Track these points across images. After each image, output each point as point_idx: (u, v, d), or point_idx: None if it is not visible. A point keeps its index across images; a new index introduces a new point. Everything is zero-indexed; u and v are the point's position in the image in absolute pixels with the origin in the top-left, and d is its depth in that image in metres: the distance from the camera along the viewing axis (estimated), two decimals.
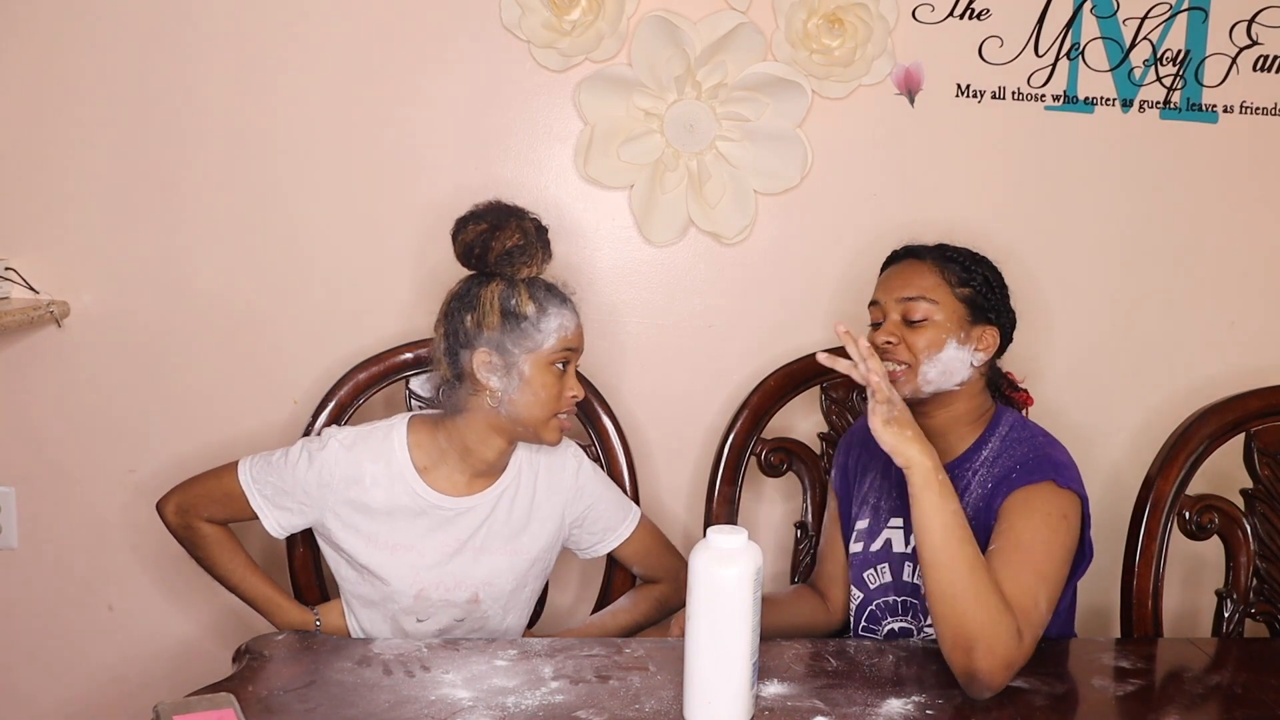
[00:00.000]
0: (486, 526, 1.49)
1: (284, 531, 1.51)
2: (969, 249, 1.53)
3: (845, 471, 1.64)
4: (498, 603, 1.51)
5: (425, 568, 1.48)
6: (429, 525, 1.48)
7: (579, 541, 1.61)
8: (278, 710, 1.21)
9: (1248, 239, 1.94)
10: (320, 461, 1.46)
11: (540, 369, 1.43)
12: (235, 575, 1.54)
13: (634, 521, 1.63)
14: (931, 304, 1.46)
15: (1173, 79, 1.88)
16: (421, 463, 1.48)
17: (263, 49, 1.80)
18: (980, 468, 1.45)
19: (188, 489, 1.53)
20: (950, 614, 1.25)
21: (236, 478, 1.49)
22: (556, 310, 1.45)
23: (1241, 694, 1.34)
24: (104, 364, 1.85)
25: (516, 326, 1.43)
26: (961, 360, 1.46)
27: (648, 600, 1.64)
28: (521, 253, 1.44)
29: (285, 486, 1.47)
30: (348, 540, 1.48)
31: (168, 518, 1.53)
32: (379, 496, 1.46)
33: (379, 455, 1.47)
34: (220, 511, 1.51)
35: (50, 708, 1.93)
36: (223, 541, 1.53)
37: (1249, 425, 1.67)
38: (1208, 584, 1.83)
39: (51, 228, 1.82)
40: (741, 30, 1.79)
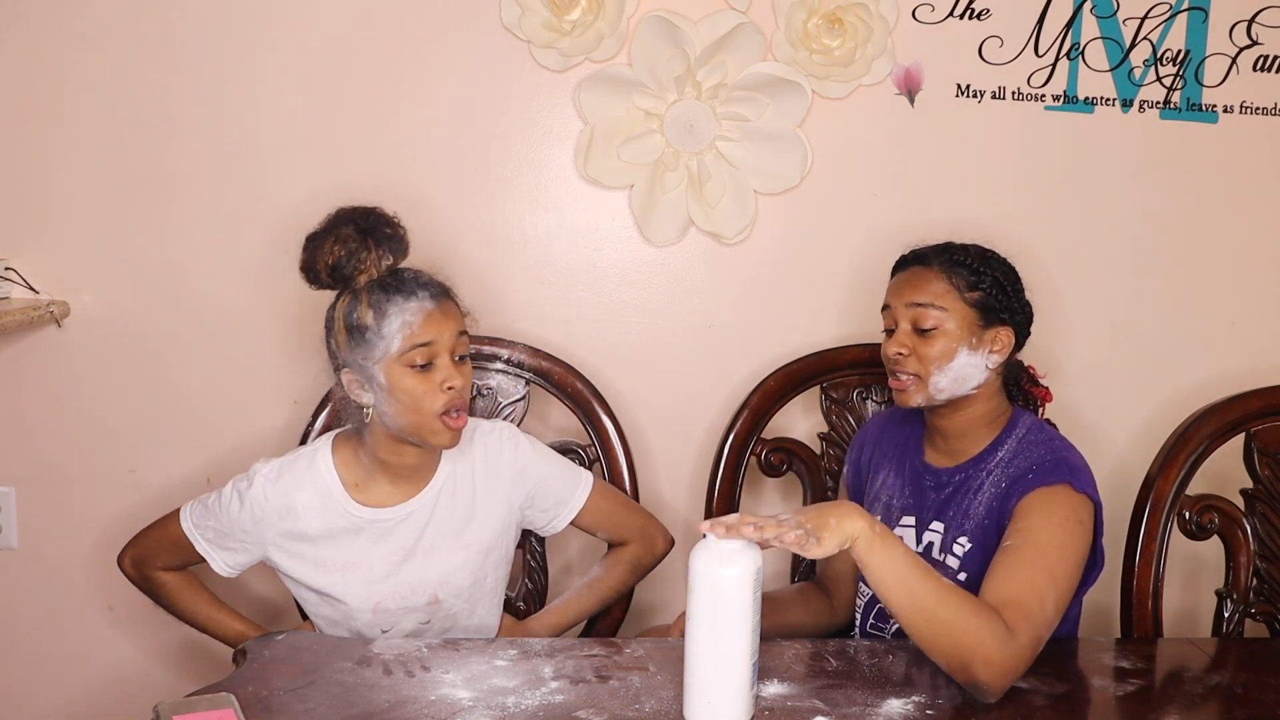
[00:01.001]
0: (431, 528, 1.48)
1: (234, 571, 1.51)
2: (977, 246, 1.51)
3: (858, 468, 1.64)
4: (460, 599, 1.50)
5: (376, 581, 1.46)
6: (370, 539, 1.46)
7: (534, 520, 1.57)
8: (278, 710, 1.21)
9: (1248, 239, 1.94)
10: (250, 499, 1.45)
11: (396, 374, 1.36)
12: (200, 617, 1.55)
13: (586, 488, 1.58)
14: (941, 311, 1.45)
15: (1173, 79, 1.88)
16: (351, 480, 1.46)
17: (262, 50, 1.80)
18: (995, 468, 1.45)
19: (139, 541, 1.54)
20: (939, 647, 1.25)
21: (180, 525, 1.50)
22: (397, 309, 1.36)
23: (1241, 694, 1.34)
24: (104, 364, 1.85)
25: (362, 339, 1.37)
26: (975, 365, 1.45)
27: (620, 565, 1.62)
28: (349, 261, 1.36)
29: (223, 528, 1.47)
30: (296, 569, 1.47)
31: (126, 571, 1.55)
32: (315, 523, 1.45)
33: (306, 483, 1.45)
34: (173, 559, 1.53)
35: (50, 708, 1.93)
36: (181, 586, 1.55)
37: (1249, 425, 1.67)
38: (1208, 584, 1.82)
39: (51, 228, 1.82)
40: (741, 30, 1.79)
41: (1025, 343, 1.52)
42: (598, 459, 1.76)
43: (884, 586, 1.24)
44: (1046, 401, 1.56)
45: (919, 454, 1.55)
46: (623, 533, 1.63)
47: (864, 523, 1.23)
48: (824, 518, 1.22)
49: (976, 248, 1.51)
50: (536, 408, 1.81)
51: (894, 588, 1.24)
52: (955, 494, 1.48)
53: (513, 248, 1.87)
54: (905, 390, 1.47)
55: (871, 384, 1.82)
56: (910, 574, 1.24)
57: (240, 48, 1.80)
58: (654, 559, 1.65)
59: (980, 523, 1.44)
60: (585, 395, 1.76)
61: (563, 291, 1.88)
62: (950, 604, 1.24)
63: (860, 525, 1.23)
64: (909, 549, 1.27)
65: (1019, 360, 1.54)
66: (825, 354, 1.82)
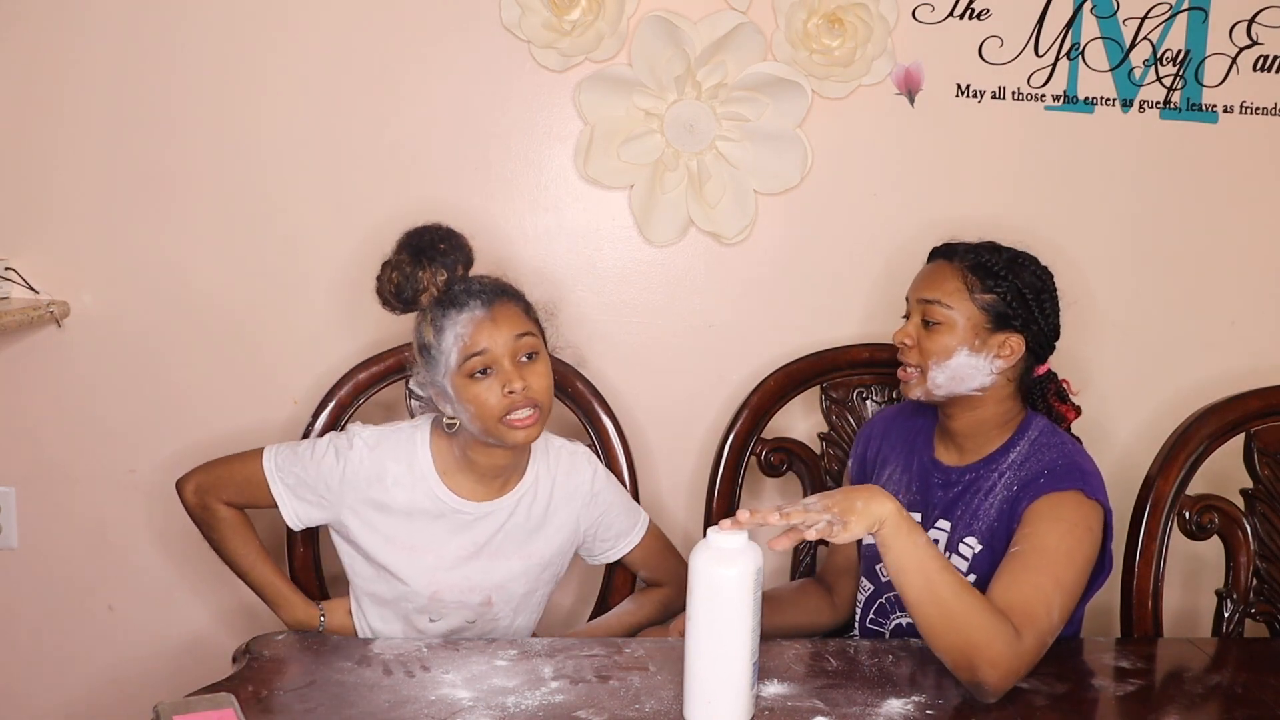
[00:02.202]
0: (503, 532, 1.49)
1: (301, 524, 1.50)
2: (1015, 252, 1.49)
3: (863, 463, 1.63)
4: (509, 605, 1.52)
5: (442, 570, 1.47)
6: (448, 528, 1.47)
7: (591, 549, 1.61)
8: (278, 710, 1.21)
9: (1248, 239, 1.94)
10: (346, 459, 1.46)
11: (461, 385, 1.40)
12: (246, 561, 1.53)
13: (643, 528, 1.62)
14: (946, 309, 1.44)
15: (1173, 79, 1.88)
16: (443, 466, 1.47)
17: (262, 50, 1.80)
18: (1008, 470, 1.45)
19: (209, 470, 1.53)
20: (948, 643, 1.25)
21: (260, 464, 1.49)
22: (450, 323, 1.40)
23: (1241, 694, 1.34)
24: (104, 364, 1.85)
25: (430, 357, 1.42)
26: (976, 367, 1.44)
27: (652, 604, 1.64)
28: (407, 285, 1.41)
29: (308, 479, 1.47)
30: (365, 538, 1.47)
31: (186, 496, 1.53)
32: (400, 497, 1.46)
33: (402, 456, 1.47)
34: (239, 496, 1.51)
35: (50, 708, 1.93)
36: (238, 526, 1.53)
37: (1249, 425, 1.67)
38: (1208, 584, 1.82)
39: (51, 228, 1.82)
40: (741, 30, 1.79)
41: (1047, 356, 1.51)
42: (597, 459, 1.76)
43: (903, 573, 1.24)
44: (1070, 419, 1.53)
45: (928, 450, 1.55)
46: (661, 575, 1.65)
47: (892, 505, 1.24)
48: (851, 501, 1.23)
49: (1012, 253, 1.49)
50: None
51: (913, 575, 1.24)
52: (964, 493, 1.48)
53: (513, 248, 1.87)
54: (907, 381, 1.49)
55: (871, 384, 1.82)
56: (931, 564, 1.24)
57: (240, 48, 1.80)
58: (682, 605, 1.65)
59: (991, 525, 1.44)
60: (585, 395, 1.76)
61: (563, 291, 1.88)
62: (964, 600, 1.24)
63: (889, 508, 1.23)
64: (930, 539, 1.27)
65: (1051, 372, 1.53)
66: (825, 354, 1.82)
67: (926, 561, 1.24)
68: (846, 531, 1.21)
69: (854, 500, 1.23)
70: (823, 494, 1.25)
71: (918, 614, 1.25)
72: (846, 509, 1.22)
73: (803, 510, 1.21)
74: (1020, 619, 1.26)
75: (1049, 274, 1.51)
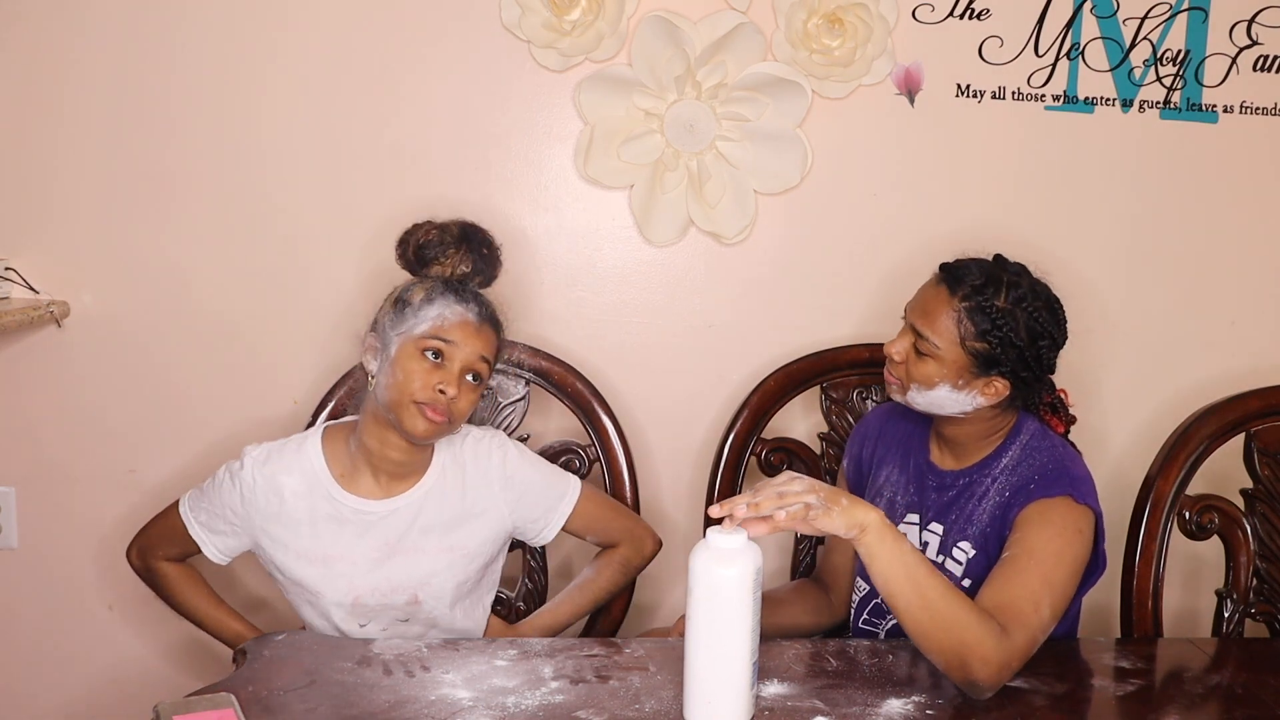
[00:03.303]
0: (416, 528, 1.48)
1: (225, 557, 1.52)
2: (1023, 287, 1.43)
3: (859, 463, 1.64)
4: (440, 601, 1.50)
5: (359, 575, 1.47)
6: (355, 532, 1.47)
7: (525, 530, 1.57)
8: (278, 710, 1.21)
9: (1248, 239, 1.94)
10: (239, 480, 1.47)
11: (406, 352, 1.40)
12: (199, 611, 1.57)
13: (574, 494, 1.58)
14: (936, 349, 1.42)
15: (1173, 79, 1.88)
16: (339, 470, 1.47)
17: (262, 50, 1.80)
18: (1000, 475, 1.45)
19: (144, 532, 1.58)
20: (937, 645, 1.25)
21: (178, 511, 1.52)
22: (445, 303, 1.42)
23: (1241, 694, 1.34)
24: (104, 364, 1.85)
25: (400, 310, 1.43)
26: (956, 400, 1.43)
27: (610, 566, 1.63)
28: (434, 248, 1.46)
29: (215, 510, 1.49)
30: (279, 557, 1.48)
31: (133, 563, 1.59)
32: (300, 507, 1.46)
33: (294, 467, 1.47)
34: (174, 549, 1.55)
35: (50, 708, 1.93)
36: (181, 579, 1.57)
37: (1249, 425, 1.67)
38: (1208, 584, 1.83)
39: (51, 228, 1.82)
40: (741, 30, 1.79)
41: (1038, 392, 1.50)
42: (598, 459, 1.76)
43: (890, 580, 1.24)
44: (1059, 431, 1.52)
45: (924, 452, 1.55)
46: (611, 536, 1.63)
47: (876, 515, 1.24)
48: (837, 496, 1.24)
49: (1018, 293, 1.42)
50: (536, 408, 1.81)
51: (901, 581, 1.24)
52: (959, 498, 1.48)
53: (513, 248, 1.85)
54: (890, 385, 1.50)
55: (871, 384, 1.82)
56: (918, 569, 1.25)
57: (240, 48, 1.80)
58: (643, 560, 1.65)
59: (983, 530, 1.44)
60: (585, 395, 1.76)
61: (563, 291, 1.88)
62: (952, 602, 1.25)
63: (873, 516, 1.24)
64: (914, 546, 1.27)
65: (1050, 381, 1.52)
66: (825, 354, 1.82)
67: (913, 567, 1.24)
68: (826, 518, 1.21)
69: (839, 497, 1.24)
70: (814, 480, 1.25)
71: (907, 619, 1.25)
72: (832, 500, 1.22)
73: (777, 497, 1.20)
74: (1007, 617, 1.27)
75: (1055, 310, 1.46)
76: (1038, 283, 1.46)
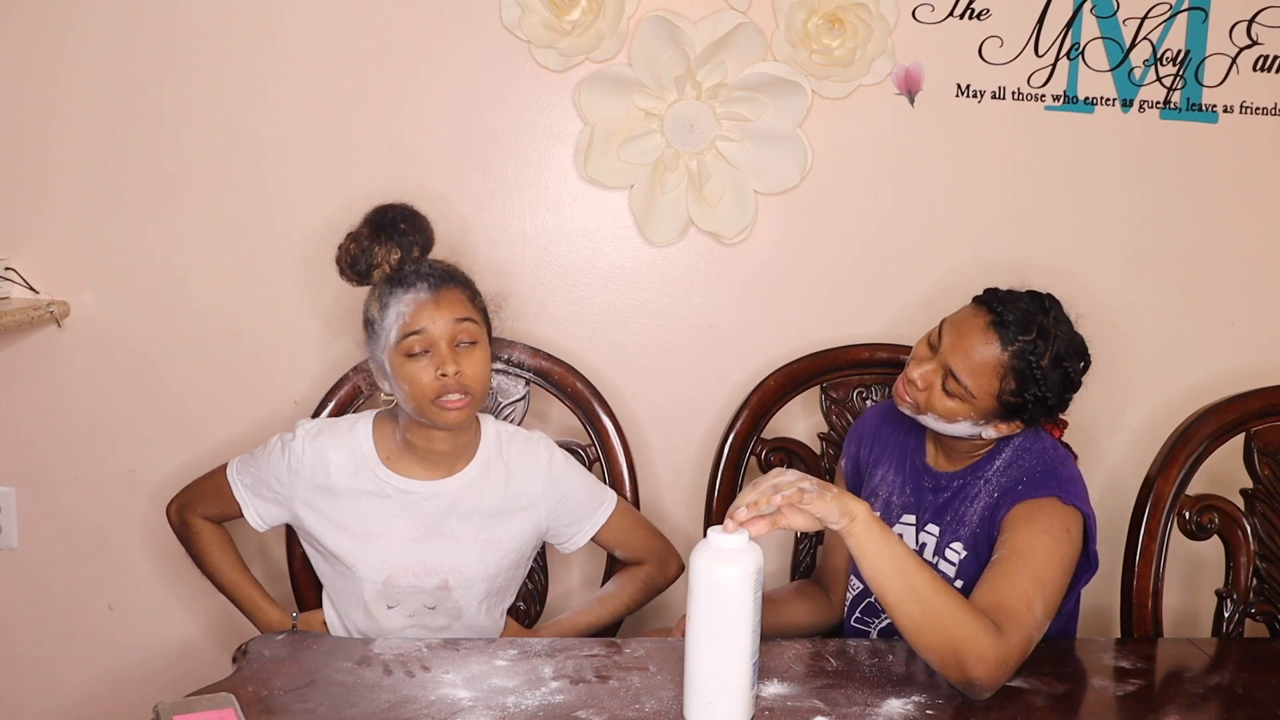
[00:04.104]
0: (456, 514, 1.50)
1: (264, 523, 1.54)
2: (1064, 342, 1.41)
3: (856, 463, 1.64)
4: (469, 591, 1.51)
5: (394, 553, 1.49)
6: (395, 508, 1.49)
7: (557, 534, 1.59)
8: (278, 710, 1.21)
9: (1248, 239, 1.94)
10: (290, 450, 1.50)
11: (398, 363, 1.42)
12: (223, 573, 1.60)
13: (610, 506, 1.61)
14: (971, 398, 1.41)
15: (1173, 79, 1.88)
16: (385, 451, 1.50)
17: (262, 50, 1.80)
18: (992, 476, 1.46)
19: (188, 489, 1.61)
20: (931, 642, 1.25)
21: (225, 472, 1.56)
22: (395, 300, 1.42)
23: (1241, 694, 1.34)
24: (104, 364, 1.85)
25: (372, 331, 1.46)
26: (970, 430, 1.45)
27: (634, 583, 1.63)
28: (361, 258, 1.45)
29: (262, 476, 1.52)
30: (319, 528, 1.50)
31: (171, 517, 1.61)
32: (344, 482, 1.49)
33: (344, 444, 1.50)
34: (213, 508, 1.58)
35: (50, 708, 1.93)
36: (215, 540, 1.60)
37: (1249, 425, 1.67)
38: (1208, 584, 1.82)
39: (51, 228, 1.82)
40: (741, 30, 1.79)
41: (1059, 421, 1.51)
42: (598, 459, 1.76)
43: (880, 573, 1.25)
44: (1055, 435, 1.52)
45: (920, 453, 1.55)
46: (640, 553, 1.65)
47: (864, 507, 1.25)
48: (828, 485, 1.25)
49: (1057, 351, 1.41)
50: (536, 407, 1.81)
51: (891, 574, 1.24)
52: (953, 499, 1.49)
53: (513, 248, 1.87)
54: (902, 402, 1.48)
55: (871, 384, 1.82)
56: (907, 561, 1.25)
57: (240, 48, 1.80)
58: (666, 581, 1.66)
59: (974, 531, 1.45)
60: (585, 395, 1.76)
61: (563, 291, 1.88)
62: (944, 597, 1.25)
63: (862, 509, 1.25)
64: (899, 539, 1.27)
65: None
66: (825, 354, 1.82)
67: (902, 559, 1.25)
68: (819, 501, 1.22)
69: (830, 488, 1.25)
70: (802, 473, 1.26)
71: (898, 614, 1.26)
72: (824, 488, 1.23)
73: (772, 490, 1.21)
74: (1001, 617, 1.27)
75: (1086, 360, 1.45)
76: (1075, 334, 1.45)
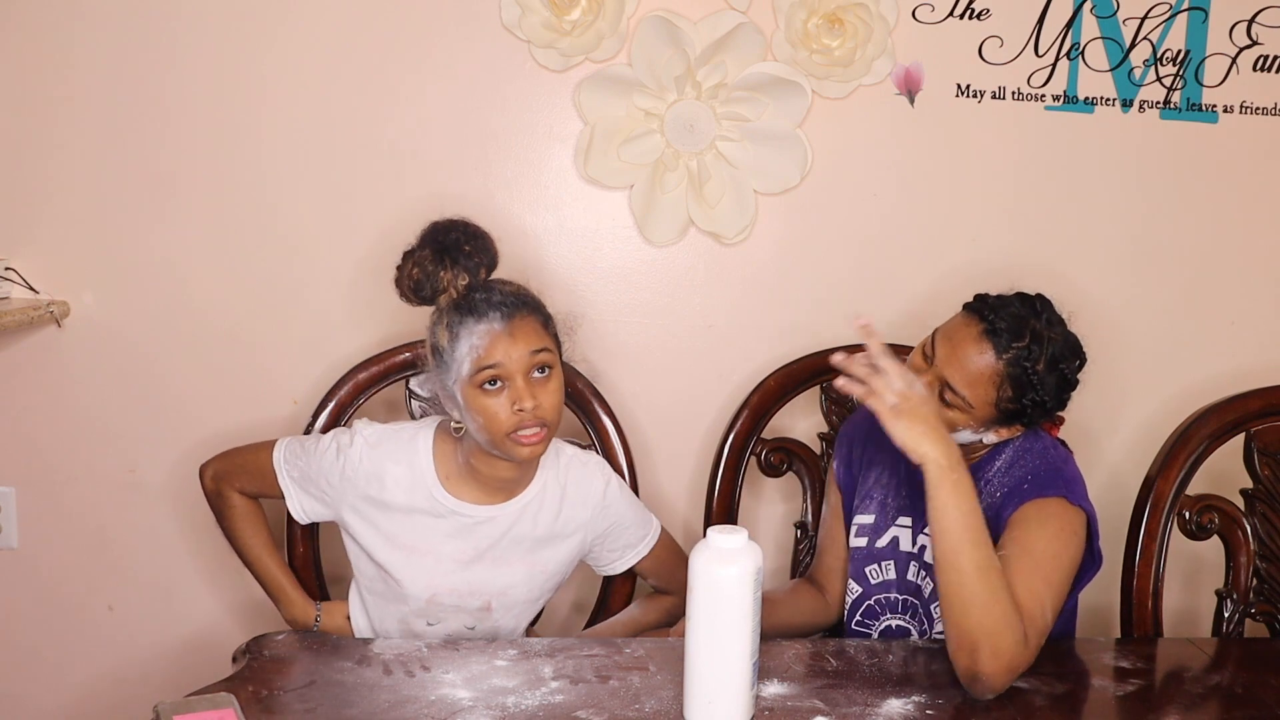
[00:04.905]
0: (508, 538, 1.48)
1: (306, 517, 1.51)
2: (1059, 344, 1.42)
3: (849, 465, 1.63)
4: (510, 613, 1.51)
5: (441, 573, 1.47)
6: (448, 530, 1.46)
7: (599, 558, 1.59)
8: (278, 710, 1.21)
9: (1248, 239, 1.94)
10: (346, 456, 1.46)
11: (471, 395, 1.37)
12: (253, 552, 1.55)
13: (653, 539, 1.61)
14: (967, 404, 1.41)
15: (1173, 79, 1.88)
16: (445, 471, 1.46)
17: (262, 50, 1.80)
18: (993, 477, 1.46)
19: (227, 457, 1.55)
20: (957, 616, 1.25)
21: (271, 454, 1.51)
22: (467, 332, 1.36)
23: (1241, 694, 1.34)
24: (104, 364, 1.85)
25: (442, 362, 1.39)
26: (970, 438, 1.45)
27: (657, 611, 1.63)
28: (426, 283, 1.37)
29: (311, 473, 1.48)
30: (366, 536, 1.47)
31: (205, 482, 1.56)
32: (399, 497, 1.45)
33: (403, 458, 1.46)
34: (252, 485, 1.53)
35: (50, 708, 1.93)
36: (249, 515, 1.55)
37: (1249, 425, 1.67)
38: (1208, 584, 1.82)
39: (51, 228, 1.82)
40: (741, 30, 1.79)
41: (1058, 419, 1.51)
42: None
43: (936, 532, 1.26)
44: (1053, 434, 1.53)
45: None
46: (669, 584, 1.63)
47: (944, 459, 1.25)
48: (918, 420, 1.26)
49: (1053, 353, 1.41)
50: None
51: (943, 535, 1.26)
52: None
53: (513, 248, 1.85)
54: None
55: None
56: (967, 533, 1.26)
57: (240, 48, 1.80)
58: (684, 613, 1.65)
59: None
60: (585, 395, 1.76)
61: (563, 291, 1.88)
62: (990, 583, 1.25)
63: (939, 458, 1.25)
64: (978, 509, 1.26)
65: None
66: (825, 354, 1.81)
67: (962, 528, 1.25)
68: (893, 423, 1.26)
69: (918, 421, 1.26)
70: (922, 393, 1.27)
71: (939, 576, 1.27)
72: (913, 414, 1.26)
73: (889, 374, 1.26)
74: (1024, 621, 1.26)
75: (1081, 359, 1.45)
76: (1069, 333, 1.45)
